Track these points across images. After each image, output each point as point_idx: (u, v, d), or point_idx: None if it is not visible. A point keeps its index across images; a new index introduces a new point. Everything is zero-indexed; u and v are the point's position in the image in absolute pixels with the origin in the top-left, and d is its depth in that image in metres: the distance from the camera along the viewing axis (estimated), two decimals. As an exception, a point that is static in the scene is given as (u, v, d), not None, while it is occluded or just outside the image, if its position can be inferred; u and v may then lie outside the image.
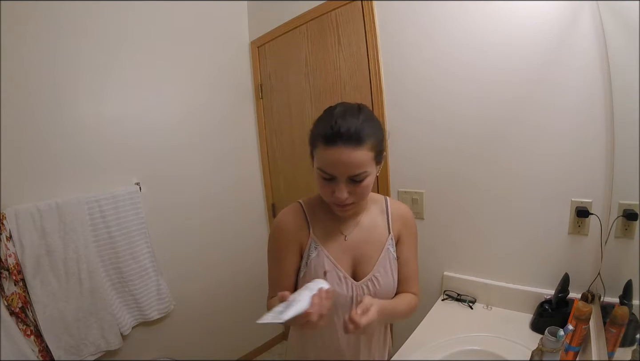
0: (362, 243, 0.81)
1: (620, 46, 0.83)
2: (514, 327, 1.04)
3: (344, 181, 0.69)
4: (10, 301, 1.12)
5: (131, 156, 1.47)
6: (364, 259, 0.80)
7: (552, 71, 0.99)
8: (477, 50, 1.12)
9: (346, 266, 0.80)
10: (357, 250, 0.80)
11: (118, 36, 1.42)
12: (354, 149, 0.66)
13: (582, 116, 0.96)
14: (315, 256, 0.79)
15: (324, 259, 0.78)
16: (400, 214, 0.85)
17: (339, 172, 0.68)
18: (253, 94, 1.94)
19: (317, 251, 0.79)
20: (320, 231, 0.81)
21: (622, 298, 0.75)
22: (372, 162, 0.70)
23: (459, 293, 1.25)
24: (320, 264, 0.78)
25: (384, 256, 0.81)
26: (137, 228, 1.43)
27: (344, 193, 0.69)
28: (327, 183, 0.70)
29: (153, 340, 1.57)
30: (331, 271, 0.78)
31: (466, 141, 1.19)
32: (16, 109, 1.17)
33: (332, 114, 0.69)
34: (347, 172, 0.67)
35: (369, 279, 0.79)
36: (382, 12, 1.32)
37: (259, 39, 1.84)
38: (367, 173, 0.69)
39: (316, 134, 0.70)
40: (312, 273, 0.78)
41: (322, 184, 0.71)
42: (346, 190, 0.69)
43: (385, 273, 0.80)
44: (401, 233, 0.85)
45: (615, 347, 0.71)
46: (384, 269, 0.80)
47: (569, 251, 1.04)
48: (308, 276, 0.78)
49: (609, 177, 0.94)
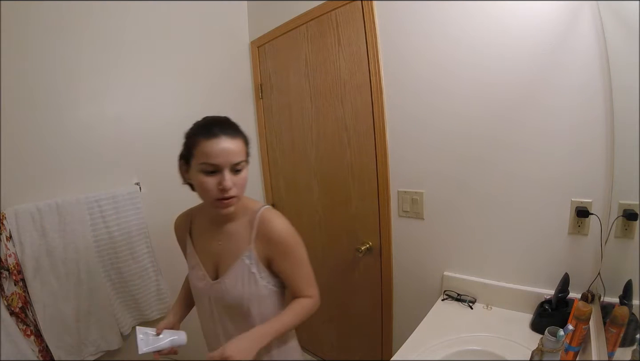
0: (223, 248, 0.88)
1: (620, 46, 0.83)
2: (514, 327, 1.04)
3: (227, 171, 0.77)
4: (10, 301, 1.11)
5: (131, 156, 1.47)
6: (222, 264, 0.88)
7: (552, 71, 0.99)
8: (477, 50, 1.12)
9: (210, 267, 0.90)
10: (219, 255, 0.89)
11: (118, 36, 1.42)
12: (233, 138, 0.78)
13: (582, 116, 0.96)
14: (188, 253, 0.95)
15: (192, 256, 0.93)
16: (266, 233, 0.84)
17: (223, 160, 0.76)
18: (253, 94, 1.94)
19: (190, 248, 0.95)
20: (197, 231, 0.95)
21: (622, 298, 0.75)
22: (246, 155, 0.82)
23: (459, 293, 1.25)
24: (189, 260, 0.94)
25: (237, 266, 0.85)
26: (137, 228, 1.43)
27: (229, 180, 0.76)
28: (211, 177, 0.77)
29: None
30: (195, 267, 0.92)
31: (466, 141, 1.19)
32: (16, 109, 1.17)
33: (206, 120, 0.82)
34: (230, 160, 0.76)
35: (217, 283, 0.87)
36: (382, 12, 1.32)
37: (259, 39, 1.84)
38: (245, 163, 0.81)
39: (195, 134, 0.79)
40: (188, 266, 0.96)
41: (205, 180, 0.77)
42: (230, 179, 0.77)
43: (234, 282, 0.84)
44: (269, 254, 0.85)
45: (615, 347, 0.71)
46: (235, 278, 0.85)
47: (569, 251, 1.04)
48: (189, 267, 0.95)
49: (609, 178, 0.94)
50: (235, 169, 0.79)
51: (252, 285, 0.84)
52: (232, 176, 0.78)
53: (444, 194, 1.28)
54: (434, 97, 1.24)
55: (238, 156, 0.78)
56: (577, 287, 0.99)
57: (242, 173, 0.81)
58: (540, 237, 1.09)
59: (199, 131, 0.79)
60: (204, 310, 0.93)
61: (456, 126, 1.20)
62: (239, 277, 0.84)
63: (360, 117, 1.46)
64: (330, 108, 1.57)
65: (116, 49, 1.42)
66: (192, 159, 0.79)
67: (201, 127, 0.80)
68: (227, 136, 0.77)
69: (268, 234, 0.84)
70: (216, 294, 0.87)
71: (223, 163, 0.76)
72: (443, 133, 1.24)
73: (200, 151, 0.76)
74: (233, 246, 0.87)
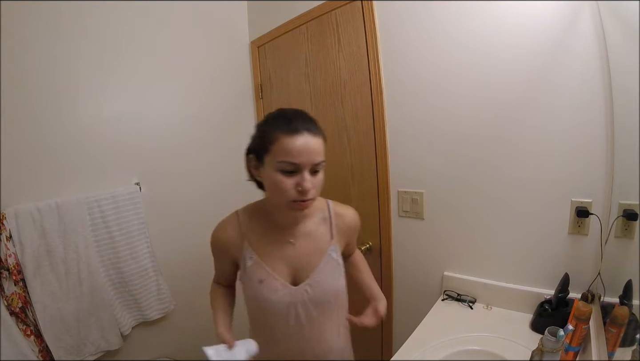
0: (302, 250, 0.83)
1: (620, 46, 0.83)
2: (514, 327, 1.04)
3: (307, 171, 0.70)
4: (10, 301, 1.11)
5: (131, 156, 1.47)
6: (303, 265, 0.82)
7: (552, 71, 0.99)
8: (477, 50, 1.12)
9: (284, 274, 0.82)
10: (297, 258, 0.82)
11: (118, 36, 1.42)
12: (315, 136, 0.71)
13: (582, 116, 0.96)
14: (250, 266, 0.82)
15: (260, 268, 0.81)
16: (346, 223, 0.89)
17: (304, 160, 0.69)
18: (253, 94, 1.94)
19: (252, 260, 0.81)
20: (258, 240, 0.83)
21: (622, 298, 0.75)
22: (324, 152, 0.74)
23: (459, 293, 1.25)
24: (255, 274, 0.81)
25: (325, 262, 0.83)
26: (137, 228, 1.43)
27: (309, 181, 0.70)
28: (289, 177, 0.70)
29: (153, 340, 1.56)
30: (267, 280, 0.80)
31: (466, 141, 1.19)
32: (16, 109, 1.17)
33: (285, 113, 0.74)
34: (312, 160, 0.70)
35: (308, 284, 0.81)
36: (382, 12, 1.32)
37: (259, 39, 1.84)
38: (324, 163, 0.74)
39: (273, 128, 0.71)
40: (248, 280, 0.82)
41: (281, 180, 0.71)
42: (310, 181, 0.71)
43: (325, 279, 0.82)
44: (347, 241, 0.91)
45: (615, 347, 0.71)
46: (325, 275, 0.82)
47: (569, 251, 1.04)
48: (247, 282, 0.83)
49: (609, 177, 0.94)
50: (315, 170, 0.72)
51: (341, 277, 0.86)
52: (311, 177, 0.71)
53: (444, 194, 1.28)
54: (434, 97, 1.24)
55: (320, 156, 0.72)
56: (577, 287, 0.99)
57: (320, 174, 0.74)
58: (540, 237, 1.09)
59: (278, 125, 0.70)
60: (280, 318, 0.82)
61: (456, 126, 1.20)
62: (329, 272, 0.83)
63: (360, 117, 1.46)
64: (330, 108, 1.57)
65: (116, 49, 1.42)
66: (267, 155, 0.72)
67: (280, 121, 0.71)
68: (309, 133, 0.70)
69: (348, 225, 0.89)
70: (306, 297, 0.81)
71: (304, 163, 0.69)
72: (443, 133, 1.24)
73: (279, 147, 0.69)
74: (312, 244, 0.84)
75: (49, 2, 1.23)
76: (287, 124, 0.70)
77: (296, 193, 0.71)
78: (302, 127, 0.69)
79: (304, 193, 0.70)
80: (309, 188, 0.70)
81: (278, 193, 0.72)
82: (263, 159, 0.73)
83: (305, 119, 0.72)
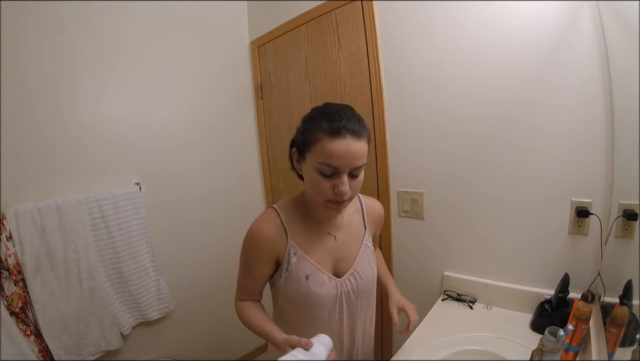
0: (342, 241, 0.84)
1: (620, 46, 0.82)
2: (514, 327, 1.04)
3: (346, 175, 0.70)
4: (10, 301, 1.12)
5: (131, 156, 1.47)
6: (344, 256, 0.84)
7: (552, 71, 0.99)
8: (477, 50, 1.12)
9: (328, 266, 0.82)
10: (338, 250, 0.84)
11: (118, 36, 1.42)
12: (358, 140, 0.69)
13: (582, 116, 0.96)
14: (295, 262, 0.79)
15: (305, 263, 0.79)
16: (375, 215, 0.94)
17: (344, 163, 0.68)
18: (253, 94, 1.94)
19: (297, 256, 0.79)
20: (299, 235, 0.81)
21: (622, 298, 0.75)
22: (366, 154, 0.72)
23: (459, 293, 1.25)
24: (301, 269, 0.79)
25: (363, 251, 0.86)
26: (137, 228, 1.43)
27: (347, 185, 0.70)
28: (327, 179, 0.70)
29: (153, 340, 1.57)
30: (314, 274, 0.79)
31: (466, 141, 1.19)
32: (16, 109, 1.17)
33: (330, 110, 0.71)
34: (352, 164, 0.69)
35: (351, 274, 0.83)
36: (382, 12, 1.32)
37: (259, 39, 1.84)
38: (363, 167, 0.72)
39: (317, 127, 0.69)
40: (293, 277, 0.79)
41: (320, 180, 0.70)
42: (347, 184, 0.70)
43: (365, 267, 0.85)
44: (375, 232, 0.95)
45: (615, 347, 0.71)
46: (364, 264, 0.85)
47: (569, 251, 1.04)
48: (289, 281, 0.80)
49: (609, 178, 0.94)
50: (354, 173, 0.71)
51: (375, 265, 0.89)
52: (349, 180, 0.71)
53: (444, 194, 1.28)
54: (434, 97, 1.24)
55: (361, 160, 0.70)
56: (577, 287, 0.99)
57: (360, 176, 0.73)
58: (540, 237, 1.09)
59: (323, 124, 0.68)
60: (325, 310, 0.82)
61: (456, 125, 1.20)
62: (367, 261, 0.86)
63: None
64: (330, 108, 1.57)
65: (116, 49, 1.42)
66: (308, 153, 0.71)
67: (325, 119, 0.69)
68: (353, 136, 0.68)
69: (377, 216, 0.94)
70: (349, 288, 0.83)
71: (344, 167, 0.68)
72: (443, 133, 1.24)
73: (320, 148, 0.68)
74: (350, 235, 0.86)
75: (49, 2, 1.23)
76: (331, 123, 0.68)
77: (333, 194, 0.71)
78: (346, 129, 0.67)
79: (340, 196, 0.70)
80: (345, 192, 0.70)
81: (316, 193, 0.73)
82: (304, 156, 0.73)
83: (350, 118, 0.69)
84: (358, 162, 0.69)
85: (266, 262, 0.81)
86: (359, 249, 0.86)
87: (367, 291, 0.87)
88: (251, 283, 0.85)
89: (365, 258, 0.86)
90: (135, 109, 1.49)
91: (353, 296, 0.84)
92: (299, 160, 0.77)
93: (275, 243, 0.80)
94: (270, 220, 0.81)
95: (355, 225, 0.88)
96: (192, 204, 1.69)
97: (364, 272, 0.84)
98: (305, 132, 0.72)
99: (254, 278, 0.84)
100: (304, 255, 0.80)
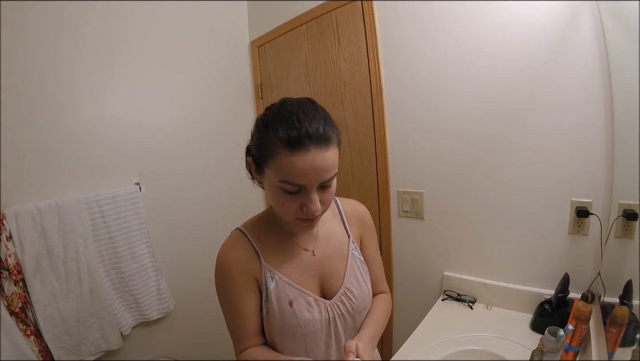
0: (322, 256, 0.73)
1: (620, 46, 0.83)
2: (514, 327, 1.04)
3: (314, 190, 0.59)
4: (10, 301, 1.11)
5: (131, 156, 1.47)
6: (329, 273, 0.72)
7: (552, 71, 0.99)
8: (477, 50, 1.12)
9: (313, 287, 0.71)
10: (319, 266, 0.72)
11: (118, 36, 1.42)
12: (325, 149, 0.57)
13: (582, 116, 0.96)
14: (274, 287, 0.68)
15: (285, 287, 0.68)
16: (356, 214, 0.80)
17: (311, 180, 0.57)
18: (253, 94, 1.94)
19: (275, 280, 0.68)
20: (273, 256, 0.70)
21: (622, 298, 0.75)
22: (337, 160, 0.61)
23: (459, 293, 1.25)
24: (282, 295, 0.68)
25: (351, 264, 0.74)
26: (137, 228, 1.43)
27: (317, 203, 0.59)
28: (293, 197, 0.59)
29: (153, 340, 1.56)
30: (297, 298, 0.68)
31: (466, 141, 1.19)
32: (16, 109, 1.17)
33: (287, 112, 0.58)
34: (320, 179, 0.58)
35: (342, 294, 0.71)
36: (382, 12, 1.32)
37: (259, 39, 1.84)
38: (335, 175, 0.61)
39: (273, 138, 0.56)
40: (275, 306, 0.67)
41: (285, 199, 0.60)
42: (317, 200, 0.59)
43: (357, 283, 0.73)
44: (362, 235, 0.80)
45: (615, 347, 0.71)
46: (355, 279, 0.73)
47: (569, 251, 1.04)
48: (271, 312, 0.68)
49: (609, 178, 0.94)
50: (325, 185, 0.60)
51: (367, 276, 0.76)
52: (320, 194, 0.60)
53: (444, 194, 1.28)
54: (434, 97, 1.24)
55: (330, 172, 0.58)
56: (577, 287, 0.99)
57: (332, 187, 0.62)
58: (540, 237, 1.09)
59: (279, 133, 0.56)
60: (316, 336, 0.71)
61: (456, 125, 1.20)
62: (359, 276, 0.74)
63: (360, 117, 1.46)
64: (330, 108, 1.54)
65: (116, 49, 1.42)
66: (266, 168, 0.60)
67: (282, 127, 0.56)
68: (318, 146, 0.55)
69: (359, 215, 0.80)
70: (344, 310, 0.71)
71: (310, 184, 0.58)
72: (443, 133, 1.24)
73: (279, 164, 0.56)
74: (332, 247, 0.74)
75: (49, 3, 1.23)
76: (288, 131, 0.55)
77: (302, 213, 0.61)
78: (308, 138, 0.55)
79: (311, 214, 0.60)
80: (315, 210, 0.60)
81: (281, 212, 0.63)
82: (263, 169, 0.61)
83: (312, 120, 0.56)
84: (327, 175, 0.58)
85: (248, 291, 0.69)
86: (345, 262, 0.74)
87: (365, 310, 0.76)
88: (244, 324, 0.71)
89: (356, 272, 0.74)
90: (135, 109, 1.49)
91: (349, 318, 0.73)
92: (258, 172, 0.65)
93: (249, 266, 0.69)
94: (236, 243, 0.71)
95: (336, 234, 0.76)
96: (193, 204, 1.69)
97: (357, 290, 0.73)
98: (261, 143, 0.60)
99: (244, 316, 0.70)
100: (282, 278, 0.69)
